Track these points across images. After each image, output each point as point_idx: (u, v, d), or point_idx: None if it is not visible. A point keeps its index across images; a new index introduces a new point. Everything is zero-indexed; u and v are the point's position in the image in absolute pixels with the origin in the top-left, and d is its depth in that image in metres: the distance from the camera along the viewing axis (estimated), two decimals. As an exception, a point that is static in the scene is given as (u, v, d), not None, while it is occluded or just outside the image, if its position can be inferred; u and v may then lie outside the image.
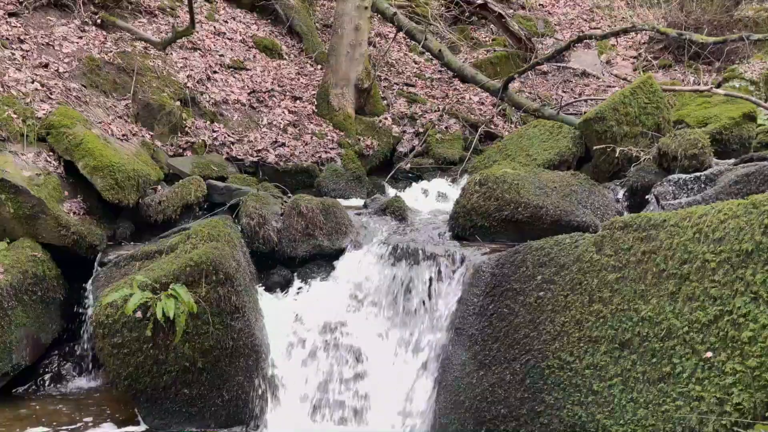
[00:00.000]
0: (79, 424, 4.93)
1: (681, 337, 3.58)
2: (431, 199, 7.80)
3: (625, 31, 9.11)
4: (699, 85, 10.27)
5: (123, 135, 6.83)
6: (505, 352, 4.37)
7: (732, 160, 6.09)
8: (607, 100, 7.22)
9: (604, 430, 3.73)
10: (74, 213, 5.90)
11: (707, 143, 5.93)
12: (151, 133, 7.34)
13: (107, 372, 4.96)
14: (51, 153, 6.04)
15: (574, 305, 4.12)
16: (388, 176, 8.66)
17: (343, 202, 6.69)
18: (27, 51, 7.03)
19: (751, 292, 3.37)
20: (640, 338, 3.75)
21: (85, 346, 5.71)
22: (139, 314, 4.72)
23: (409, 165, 8.90)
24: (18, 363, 5.27)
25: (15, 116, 6.00)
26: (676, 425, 3.44)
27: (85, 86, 7.15)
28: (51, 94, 6.61)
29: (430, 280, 5.20)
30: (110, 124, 6.82)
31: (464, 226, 5.67)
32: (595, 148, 6.78)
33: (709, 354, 3.43)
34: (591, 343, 3.97)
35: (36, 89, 6.50)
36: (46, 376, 5.61)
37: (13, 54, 6.84)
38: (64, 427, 4.88)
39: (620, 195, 6.18)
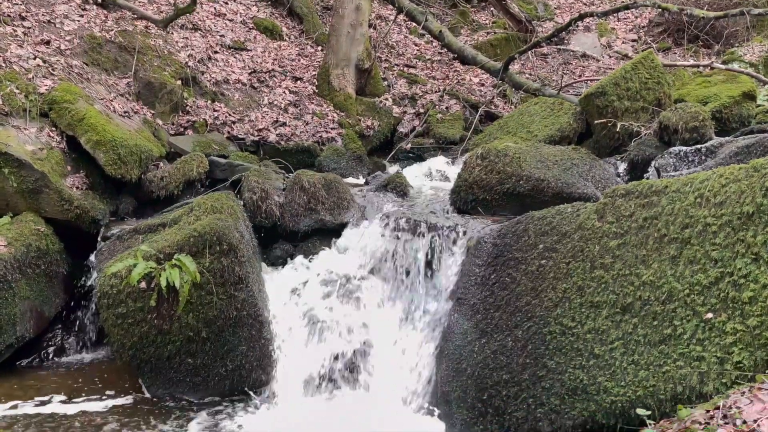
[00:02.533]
0: (83, 394, 4.97)
1: (682, 300, 3.61)
2: (432, 177, 7.80)
3: (627, 8, 9.11)
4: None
5: (125, 112, 6.84)
6: (507, 319, 4.40)
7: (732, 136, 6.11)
8: (608, 76, 7.21)
9: (606, 392, 3.76)
10: (77, 188, 5.91)
11: (708, 116, 5.95)
12: (153, 111, 7.34)
13: (111, 342, 4.98)
14: (53, 128, 6.05)
15: (575, 272, 4.14)
16: (389, 156, 8.65)
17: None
18: (29, 28, 7.03)
19: (752, 254, 3.40)
20: (642, 302, 3.78)
21: (89, 319, 5.74)
22: (143, 284, 4.75)
23: (409, 145, 8.90)
24: (22, 335, 5.30)
25: (17, 91, 6.01)
26: (677, 385, 3.47)
27: (86, 64, 7.15)
28: (53, 70, 6.61)
29: (432, 251, 5.22)
30: (112, 101, 6.83)
31: (466, 199, 5.67)
32: (596, 122, 6.76)
33: (710, 315, 3.47)
34: (592, 308, 3.99)
35: (38, 65, 6.50)
36: (50, 349, 5.64)
37: (15, 30, 6.84)
38: (68, 397, 4.91)
39: (621, 169, 6.19)
